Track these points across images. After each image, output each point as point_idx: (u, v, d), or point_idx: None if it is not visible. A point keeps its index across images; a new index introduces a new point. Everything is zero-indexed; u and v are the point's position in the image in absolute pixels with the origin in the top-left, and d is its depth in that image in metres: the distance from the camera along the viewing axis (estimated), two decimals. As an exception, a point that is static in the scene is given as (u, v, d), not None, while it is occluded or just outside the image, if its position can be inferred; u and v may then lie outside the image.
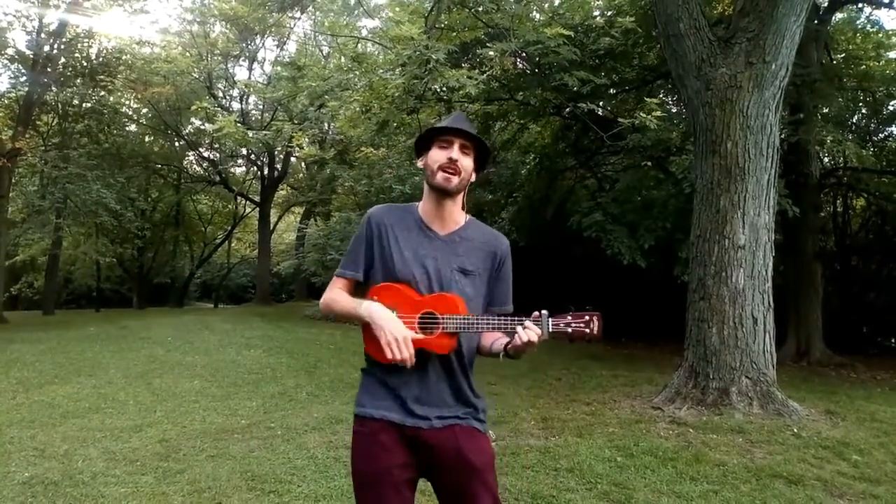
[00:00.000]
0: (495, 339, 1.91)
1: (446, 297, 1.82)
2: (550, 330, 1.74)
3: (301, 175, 27.82)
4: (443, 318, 1.78)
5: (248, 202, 27.72)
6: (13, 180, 17.69)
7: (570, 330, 1.73)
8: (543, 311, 1.75)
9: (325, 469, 4.26)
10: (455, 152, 1.87)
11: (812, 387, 7.90)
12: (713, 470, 4.31)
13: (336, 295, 1.93)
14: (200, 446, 4.82)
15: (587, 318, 1.74)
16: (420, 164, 1.98)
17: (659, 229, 9.99)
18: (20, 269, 26.08)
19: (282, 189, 27.45)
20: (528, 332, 1.74)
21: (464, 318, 1.78)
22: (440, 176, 1.86)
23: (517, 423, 5.64)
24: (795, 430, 5.31)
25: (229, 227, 29.56)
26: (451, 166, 1.86)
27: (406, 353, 1.73)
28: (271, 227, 26.74)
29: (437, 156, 1.89)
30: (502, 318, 1.80)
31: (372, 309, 1.80)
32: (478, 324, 1.78)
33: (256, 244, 27.50)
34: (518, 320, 1.77)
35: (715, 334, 6.13)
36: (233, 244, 32.16)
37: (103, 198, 17.35)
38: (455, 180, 1.86)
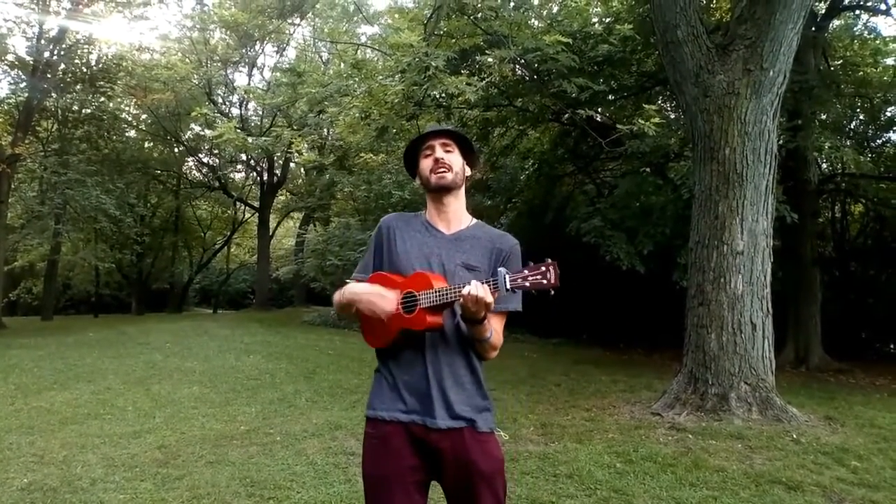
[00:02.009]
0: None
1: (422, 274, 1.83)
2: (509, 287, 1.69)
3: (300, 181, 27.88)
4: (419, 295, 1.78)
5: (247, 208, 27.76)
6: (12, 186, 17.71)
7: (527, 284, 1.69)
8: (500, 269, 1.72)
9: (325, 475, 4.26)
10: (439, 152, 1.95)
11: (811, 393, 7.90)
12: (712, 476, 4.31)
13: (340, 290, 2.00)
14: (199, 452, 4.82)
15: (543, 268, 1.68)
16: (417, 182, 2.06)
17: (658, 235, 10.01)
18: (19, 275, 26.06)
19: (281, 195, 27.48)
20: (475, 288, 1.68)
21: (435, 291, 1.76)
22: (434, 176, 1.94)
23: (516, 429, 5.64)
24: (794, 436, 5.31)
25: (228, 233, 29.57)
26: (440, 166, 1.93)
27: (389, 305, 1.79)
28: (270, 233, 26.76)
29: (425, 164, 1.98)
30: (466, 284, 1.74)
31: (351, 287, 1.88)
32: (448, 294, 1.74)
33: (255, 249, 27.51)
34: (483, 282, 1.72)
35: (714, 340, 6.14)
36: (232, 250, 32.15)
37: (102, 203, 17.37)
38: (449, 175, 1.94)
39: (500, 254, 1.94)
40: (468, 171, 2.03)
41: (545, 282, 1.67)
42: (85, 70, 18.62)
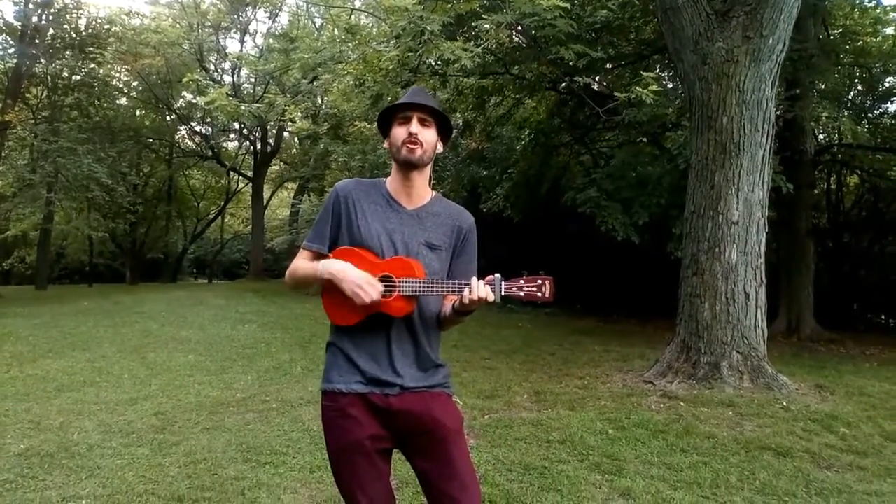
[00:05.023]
0: (450, 304, 1.93)
1: (403, 260, 1.83)
2: (503, 293, 1.76)
3: (294, 150, 27.60)
4: (399, 282, 1.79)
5: (240, 177, 27.53)
6: (3, 154, 17.51)
7: (522, 294, 1.76)
8: (496, 275, 1.78)
9: (321, 441, 4.24)
10: (414, 126, 1.88)
11: (802, 362, 7.99)
12: (703, 442, 4.37)
13: (299, 263, 1.96)
14: (196, 419, 4.86)
15: (539, 282, 1.77)
16: (385, 145, 2.01)
17: (653, 205, 9.99)
18: (12, 244, 25.93)
19: (275, 164, 27.25)
20: (481, 289, 1.75)
21: (419, 282, 1.79)
22: (404, 150, 1.88)
23: (510, 396, 5.69)
24: (785, 404, 5.38)
25: (222, 203, 29.42)
26: (411, 140, 1.88)
27: (376, 293, 1.76)
28: (265, 203, 26.60)
29: (398, 132, 1.91)
30: (457, 282, 1.80)
31: (330, 264, 1.83)
32: (433, 287, 1.80)
33: (250, 220, 27.40)
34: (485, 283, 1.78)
35: (707, 309, 6.17)
36: (226, 220, 32.03)
37: (94, 172, 17.19)
38: (419, 151, 1.88)
39: (460, 231, 1.96)
40: (440, 148, 1.99)
41: (539, 295, 1.77)
42: (74, 35, 18.26)
